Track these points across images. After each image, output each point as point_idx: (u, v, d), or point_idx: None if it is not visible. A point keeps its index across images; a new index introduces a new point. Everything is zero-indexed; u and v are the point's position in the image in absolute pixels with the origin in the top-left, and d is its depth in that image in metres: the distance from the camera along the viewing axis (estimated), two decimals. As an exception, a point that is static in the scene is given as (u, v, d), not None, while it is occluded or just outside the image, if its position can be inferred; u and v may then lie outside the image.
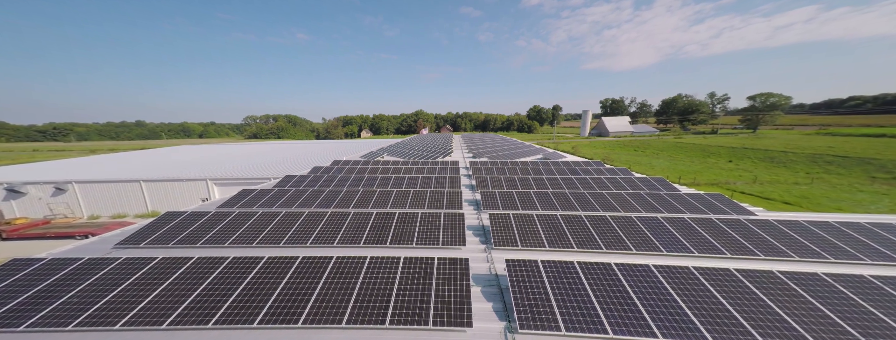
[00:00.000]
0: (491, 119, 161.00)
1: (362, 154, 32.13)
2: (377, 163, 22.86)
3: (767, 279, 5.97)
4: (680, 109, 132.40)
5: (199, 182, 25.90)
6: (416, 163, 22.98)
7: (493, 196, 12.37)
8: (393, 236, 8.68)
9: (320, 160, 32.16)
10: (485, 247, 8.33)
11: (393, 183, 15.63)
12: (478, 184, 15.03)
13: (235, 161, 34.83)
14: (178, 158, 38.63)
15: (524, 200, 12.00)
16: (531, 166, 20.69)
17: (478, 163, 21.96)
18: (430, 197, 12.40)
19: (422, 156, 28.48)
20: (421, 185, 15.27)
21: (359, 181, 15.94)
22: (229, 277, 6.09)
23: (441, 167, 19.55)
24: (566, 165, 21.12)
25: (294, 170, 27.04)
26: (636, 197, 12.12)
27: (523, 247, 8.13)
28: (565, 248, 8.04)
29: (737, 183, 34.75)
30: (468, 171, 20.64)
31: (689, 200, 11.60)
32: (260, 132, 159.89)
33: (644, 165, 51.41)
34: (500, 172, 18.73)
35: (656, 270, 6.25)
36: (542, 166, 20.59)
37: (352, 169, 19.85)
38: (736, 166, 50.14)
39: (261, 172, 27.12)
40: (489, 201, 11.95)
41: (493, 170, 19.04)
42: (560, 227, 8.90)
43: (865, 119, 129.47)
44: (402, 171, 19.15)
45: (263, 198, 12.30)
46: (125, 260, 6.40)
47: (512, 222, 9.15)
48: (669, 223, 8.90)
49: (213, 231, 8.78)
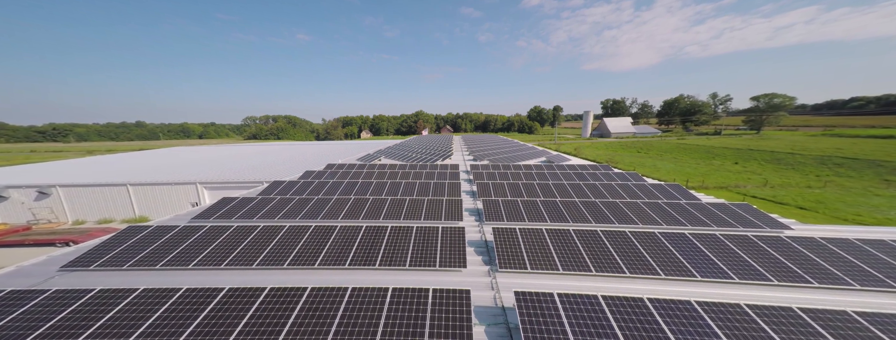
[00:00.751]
0: (491, 120, 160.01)
1: (359, 156, 31.06)
2: (373, 166, 21.77)
3: (837, 318, 4.86)
4: (682, 110, 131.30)
5: (189, 185, 24.83)
6: (415, 166, 21.89)
7: (496, 205, 11.27)
8: (383, 255, 7.58)
9: (315, 163, 31.09)
10: (488, 269, 7.23)
11: (388, 189, 14.53)
12: (479, 191, 13.93)
13: (229, 163, 33.78)
14: (170, 161, 37.59)
15: (531, 210, 10.89)
16: (535, 170, 19.58)
17: (479, 167, 20.87)
18: (428, 207, 11.30)
19: (421, 158, 27.40)
20: (418, 192, 14.17)
21: (351, 187, 14.85)
22: (178, 315, 4.98)
23: (440, 172, 18.46)
24: (572, 169, 20.01)
25: (286, 173, 25.96)
26: (654, 207, 11.00)
27: (533, 270, 7.02)
28: (582, 271, 6.93)
29: (746, 187, 33.60)
30: (468, 175, 19.55)
31: (714, 211, 10.48)
32: (259, 133, 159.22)
33: (649, 167, 50.29)
34: (503, 177, 17.63)
35: (698, 307, 5.14)
36: (547, 170, 19.48)
37: (346, 173, 18.77)
38: (743, 168, 48.97)
39: (253, 175, 26.05)
40: (492, 211, 10.84)
41: (495, 175, 17.95)
42: (574, 245, 7.79)
43: (869, 120, 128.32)
44: (399, 176, 18.07)
45: (244, 208, 11.21)
46: (55, 293, 5.35)
47: (518, 239, 8.05)
48: (699, 240, 7.78)
49: (178, 249, 7.69)
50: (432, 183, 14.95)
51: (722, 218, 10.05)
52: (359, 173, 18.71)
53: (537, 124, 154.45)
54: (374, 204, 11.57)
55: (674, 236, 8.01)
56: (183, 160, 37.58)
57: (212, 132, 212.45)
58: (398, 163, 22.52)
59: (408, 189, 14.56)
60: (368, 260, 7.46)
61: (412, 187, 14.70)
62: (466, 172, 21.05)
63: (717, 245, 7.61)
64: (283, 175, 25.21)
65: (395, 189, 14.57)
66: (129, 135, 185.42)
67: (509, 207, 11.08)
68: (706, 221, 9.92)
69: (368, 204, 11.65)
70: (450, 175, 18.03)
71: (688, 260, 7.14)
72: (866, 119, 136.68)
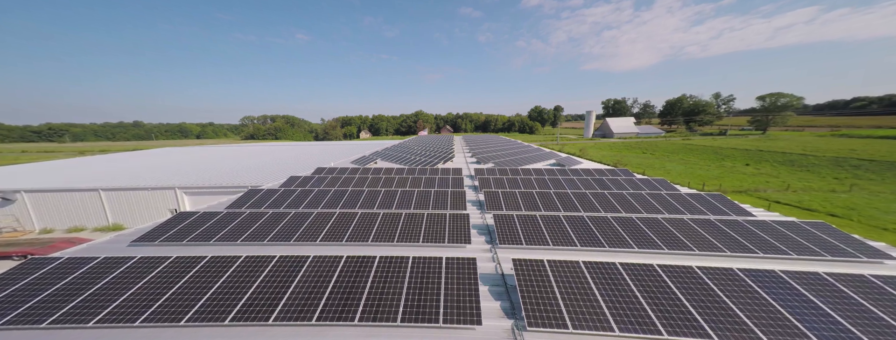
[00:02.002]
0: (492, 120, 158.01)
1: (354, 159, 28.94)
2: (367, 170, 19.67)
3: None
4: (686, 110, 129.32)
5: (167, 190, 22.74)
6: (413, 170, 19.79)
7: (511, 223, 9.18)
8: (365, 306, 5.49)
9: (306, 165, 28.96)
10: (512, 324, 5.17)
11: (382, 200, 12.45)
12: (488, 203, 11.86)
13: (218, 165, 31.66)
14: (155, 162, 35.41)
15: (557, 232, 8.80)
16: (548, 176, 17.50)
17: (484, 172, 18.78)
18: (428, 225, 9.22)
19: (420, 161, 25.31)
20: (417, 204, 12.10)
21: (339, 197, 12.76)
22: None
23: (441, 177, 16.34)
24: (589, 174, 17.93)
25: (273, 177, 23.82)
26: (710, 228, 8.92)
27: (577, 330, 4.97)
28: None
29: (766, 191, 31.52)
30: (473, 180, 17.45)
31: (790, 234, 8.40)
32: (257, 133, 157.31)
33: (657, 169, 48.31)
34: (513, 184, 15.53)
35: None
36: (562, 176, 17.40)
37: (335, 179, 16.66)
38: (756, 170, 46.95)
39: (239, 179, 23.96)
40: (507, 232, 8.76)
41: (504, 182, 15.84)
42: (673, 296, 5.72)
43: (874, 120, 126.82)
44: (396, 183, 15.97)
45: (201, 227, 9.10)
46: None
47: (552, 284, 5.97)
48: (807, 286, 5.70)
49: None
50: (433, 193, 12.86)
51: (808, 245, 7.95)
52: (350, 179, 16.61)
53: (538, 124, 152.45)
54: (363, 221, 9.48)
55: (765, 277, 5.92)
56: (169, 162, 35.43)
57: (209, 132, 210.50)
58: (395, 167, 20.43)
59: (404, 199, 12.47)
60: (345, 312, 5.37)
61: (409, 197, 12.61)
62: (470, 176, 18.95)
63: (824, 286, 5.51)
64: (270, 179, 23.13)
65: (389, 199, 12.48)
66: (126, 135, 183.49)
67: (529, 228, 8.99)
68: (786, 250, 7.83)
69: (356, 220, 9.56)
70: (452, 181, 15.94)
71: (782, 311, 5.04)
72: (871, 119, 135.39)
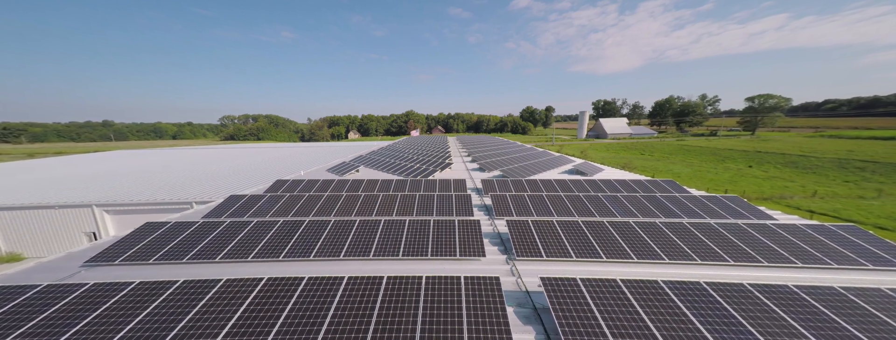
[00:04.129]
0: (484, 120, 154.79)
1: (332, 165, 24.28)
2: (343, 185, 15.22)
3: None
4: (675, 111, 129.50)
5: (82, 209, 17.61)
6: (403, 183, 15.47)
7: (580, 310, 5.08)
8: None
9: (267, 174, 24.04)
10: None
11: (353, 241, 8.11)
12: (515, 239, 7.73)
13: (167, 173, 26.34)
14: (81, 171, 29.38)
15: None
16: (577, 189, 13.56)
17: (494, 185, 14.66)
18: (427, 311, 4.99)
19: (411, 169, 20.99)
20: (408, 248, 7.84)
21: (285, 236, 8.35)
22: None
23: (442, 196, 12.07)
24: (626, 188, 14.09)
25: (211, 192, 18.80)
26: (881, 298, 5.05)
27: None
28: None
29: (793, 198, 28.75)
30: (482, 198, 13.30)
31: None
32: (238, 133, 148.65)
33: (664, 172, 45.53)
34: (540, 207, 11.38)
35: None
36: (600, 193, 13.48)
37: (294, 199, 12.15)
38: (764, 173, 44.79)
39: (181, 193, 19.03)
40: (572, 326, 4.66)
41: (527, 204, 11.69)
42: None
43: (848, 121, 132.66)
44: (376, 207, 11.61)
45: None
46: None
47: None
48: None
49: None
50: (430, 225, 8.61)
51: None
52: (316, 198, 12.14)
53: (530, 125, 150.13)
54: (311, 292, 5.15)
55: None
56: (107, 169, 29.66)
57: (187, 132, 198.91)
58: (380, 179, 16.03)
59: (389, 237, 8.19)
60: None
61: (398, 230, 8.34)
62: (476, 191, 14.78)
63: None
64: (211, 193, 18.29)
65: (365, 238, 8.16)
66: (93, 135, 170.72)
67: (611, 319, 4.88)
68: None
69: (299, 291, 5.22)
70: (456, 201, 11.71)
71: None
72: (845, 120, 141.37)
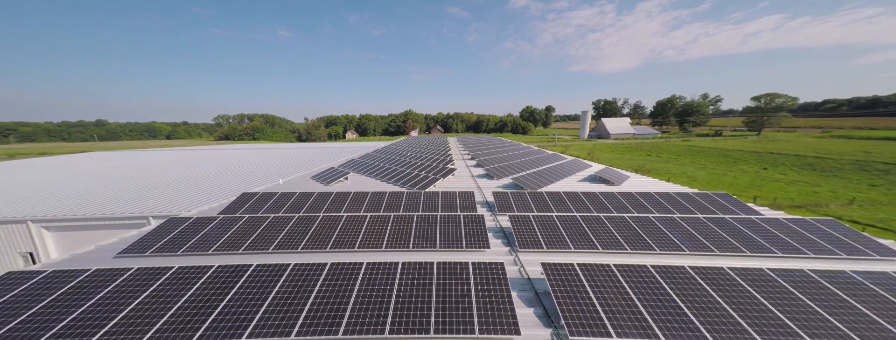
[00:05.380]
0: (483, 120, 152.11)
1: (318, 171, 21.48)
2: (323, 198, 12.53)
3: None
4: (678, 111, 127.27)
5: (16, 225, 14.82)
6: (398, 197, 12.77)
7: None
8: None
9: (238, 183, 20.91)
10: None
11: (318, 297, 5.44)
12: (561, 301, 5.13)
13: (126, 183, 23.35)
14: (26, 178, 25.80)
15: None
16: (627, 214, 10.93)
17: (508, 199, 12.00)
18: None
19: (408, 176, 18.30)
20: (399, 305, 5.16)
21: (201, 302, 5.67)
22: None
23: (446, 218, 9.37)
24: (676, 206, 11.47)
25: (175, 205, 15.94)
26: None
27: None
28: None
29: (829, 206, 26.20)
30: (496, 219, 10.62)
31: None
32: (233, 133, 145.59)
33: (679, 175, 42.86)
34: (579, 236, 8.69)
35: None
36: (650, 214, 10.84)
37: (248, 228, 9.39)
38: (784, 177, 42.21)
39: (139, 205, 16.28)
40: None
41: (556, 227, 9.01)
42: None
43: (850, 121, 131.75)
44: (360, 236, 8.90)
45: None
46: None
47: None
48: None
49: None
50: (433, 270, 5.95)
51: None
52: (281, 223, 9.42)
53: (531, 124, 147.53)
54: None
55: None
56: (62, 176, 26.35)
57: (182, 132, 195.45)
58: (371, 191, 13.33)
59: (372, 290, 5.51)
60: None
61: (385, 281, 5.66)
62: (488, 206, 12.10)
63: None
64: (177, 206, 15.51)
65: (335, 297, 5.49)
66: (84, 135, 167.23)
67: None
68: None
69: None
70: (465, 225, 9.03)
71: None
72: (846, 121, 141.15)
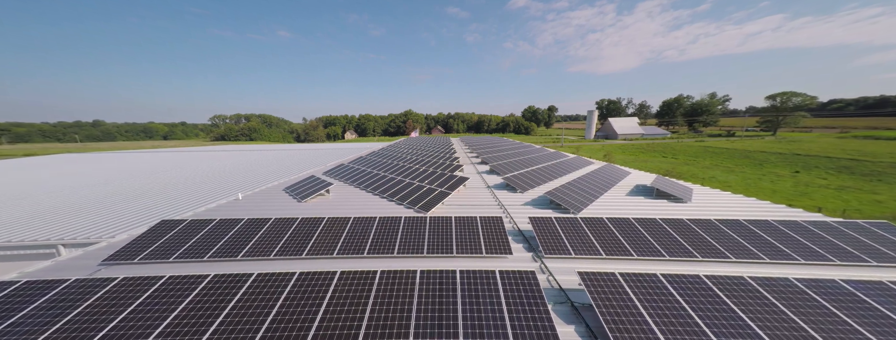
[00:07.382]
0: (485, 120, 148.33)
1: (295, 181, 17.31)
2: (281, 229, 9.05)
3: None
4: (687, 110, 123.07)
5: None
6: (391, 226, 8.71)
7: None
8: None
9: (195, 197, 16.81)
10: None
11: None
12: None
13: (48, 200, 19.41)
14: None
15: None
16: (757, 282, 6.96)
17: (553, 226, 8.24)
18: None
19: (407, 186, 14.27)
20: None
21: None
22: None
23: (467, 276, 5.30)
24: (825, 247, 7.61)
25: (78, 231, 11.92)
26: None
27: None
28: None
29: None
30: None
31: None
32: (229, 133, 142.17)
33: (708, 179, 38.68)
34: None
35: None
36: (805, 285, 7.01)
37: (117, 300, 5.52)
38: (824, 181, 37.79)
39: (46, 231, 12.27)
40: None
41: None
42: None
43: (860, 121, 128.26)
44: (320, 313, 5.07)
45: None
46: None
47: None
48: None
49: None
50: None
51: None
52: (184, 288, 5.84)
53: (533, 125, 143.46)
54: None
55: None
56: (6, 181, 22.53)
57: (179, 132, 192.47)
58: (352, 216, 9.32)
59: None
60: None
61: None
62: (523, 240, 8.07)
63: None
64: (81, 231, 11.54)
65: None
66: (79, 135, 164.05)
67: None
68: None
69: None
70: (508, 298, 5.50)
71: None
72: (857, 120, 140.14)
